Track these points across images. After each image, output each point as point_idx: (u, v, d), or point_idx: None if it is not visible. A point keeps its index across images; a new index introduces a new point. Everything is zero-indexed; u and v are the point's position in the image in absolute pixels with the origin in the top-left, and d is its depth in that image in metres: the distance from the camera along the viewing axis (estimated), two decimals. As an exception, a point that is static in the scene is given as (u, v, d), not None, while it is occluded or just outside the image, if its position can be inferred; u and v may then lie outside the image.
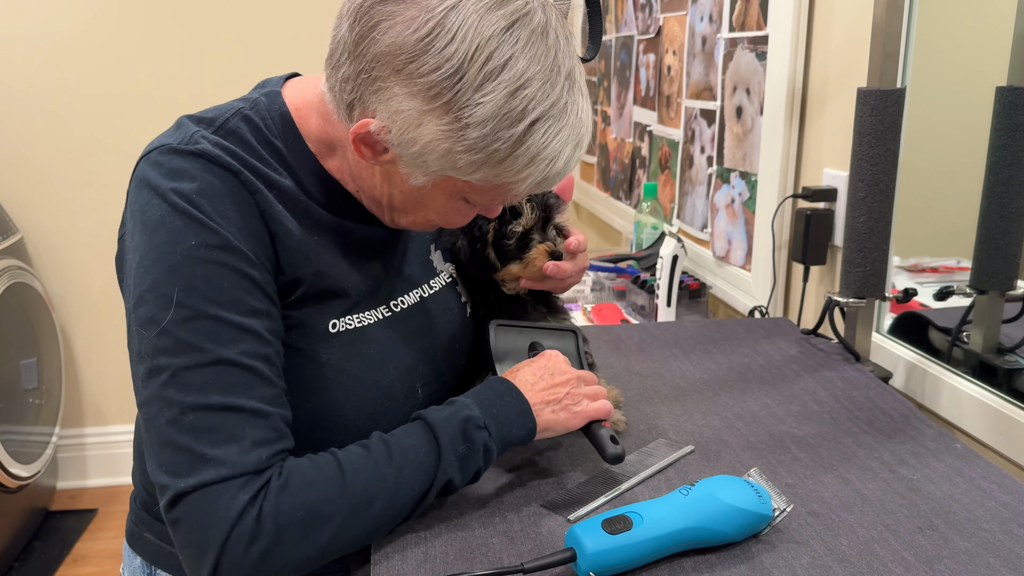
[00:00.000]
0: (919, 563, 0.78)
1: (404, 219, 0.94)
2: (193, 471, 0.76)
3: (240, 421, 0.78)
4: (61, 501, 3.06)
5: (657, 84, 2.29)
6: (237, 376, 0.79)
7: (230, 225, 0.82)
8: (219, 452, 0.76)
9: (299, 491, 0.77)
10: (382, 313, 0.96)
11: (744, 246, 1.80)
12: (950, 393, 1.21)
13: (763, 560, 0.79)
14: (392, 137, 0.81)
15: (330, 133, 0.91)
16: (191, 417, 0.77)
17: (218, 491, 0.75)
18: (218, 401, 0.77)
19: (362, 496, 0.79)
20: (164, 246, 0.80)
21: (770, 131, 1.65)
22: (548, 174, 0.83)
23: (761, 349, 1.33)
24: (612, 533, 0.75)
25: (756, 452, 1.00)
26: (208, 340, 0.78)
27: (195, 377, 0.77)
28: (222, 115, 0.90)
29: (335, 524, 0.78)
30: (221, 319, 0.79)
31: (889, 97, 1.17)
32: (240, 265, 0.81)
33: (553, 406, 0.91)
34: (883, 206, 1.21)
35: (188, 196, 0.81)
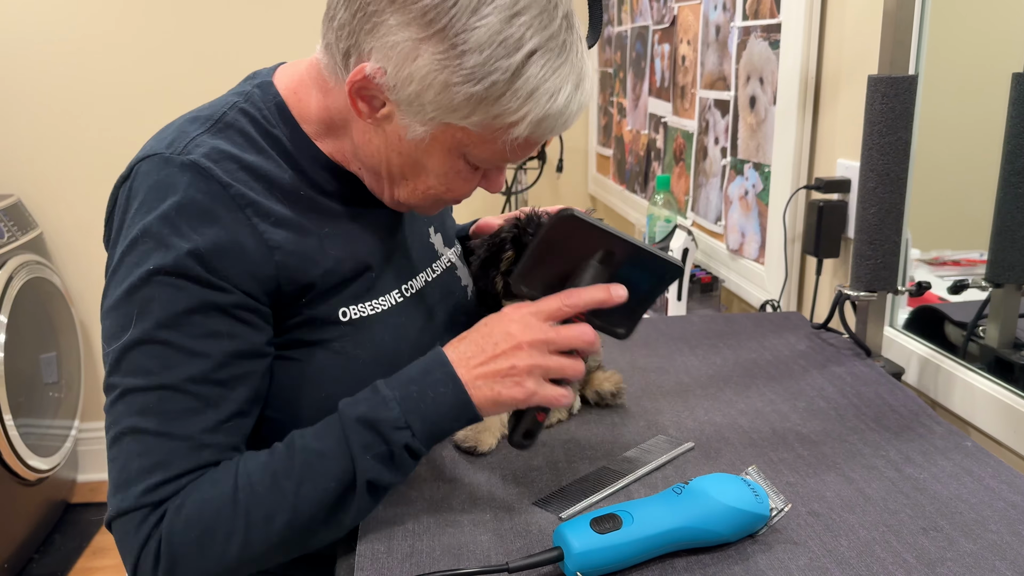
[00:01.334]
0: (921, 565, 0.76)
1: (404, 190, 0.91)
2: (119, 492, 0.77)
3: (172, 449, 0.78)
4: (81, 494, 3.09)
5: (672, 74, 2.25)
6: (179, 402, 0.78)
7: (206, 243, 0.80)
8: (144, 479, 0.77)
9: (193, 510, 0.76)
10: (395, 298, 0.95)
11: (758, 239, 1.76)
12: (964, 389, 1.17)
13: (758, 561, 0.77)
14: (388, 78, 0.80)
15: (329, 107, 0.90)
16: (128, 439, 0.78)
17: (131, 519, 0.77)
18: (153, 427, 0.78)
19: (258, 512, 0.76)
20: (132, 265, 0.80)
21: (783, 121, 1.61)
22: (549, 111, 0.80)
23: (769, 344, 1.30)
24: (600, 532, 0.74)
25: (758, 449, 0.97)
26: (156, 364, 0.78)
27: (138, 399, 0.78)
28: (219, 110, 0.89)
29: (235, 541, 0.76)
30: (171, 344, 0.78)
31: (900, 84, 1.14)
32: (201, 290, 0.79)
33: (492, 381, 0.79)
34: (894, 197, 1.18)
35: (166, 214, 0.80)
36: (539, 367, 0.79)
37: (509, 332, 0.80)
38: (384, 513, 0.85)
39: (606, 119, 2.96)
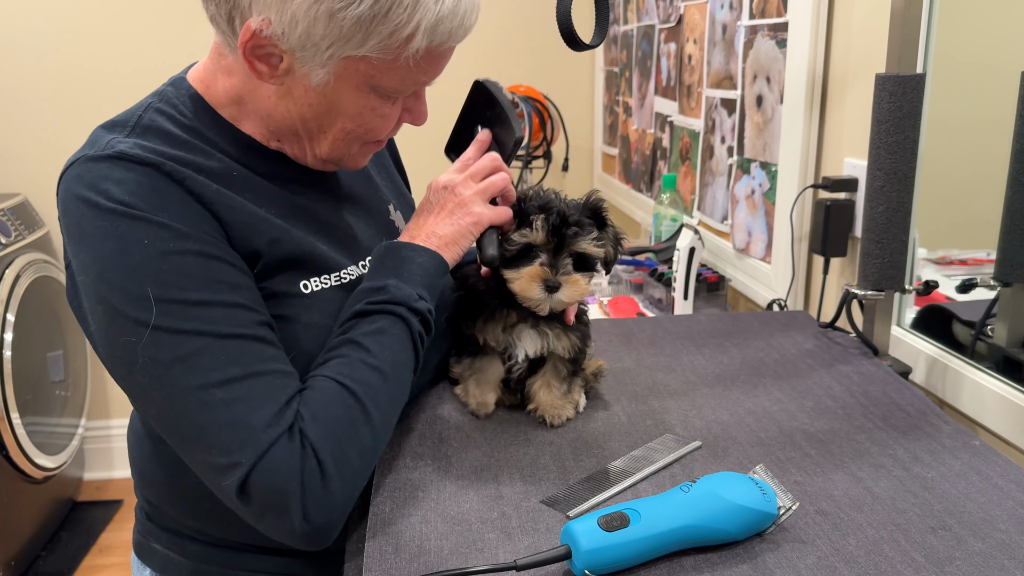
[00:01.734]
0: (929, 564, 0.76)
1: (325, 143, 0.92)
2: (246, 442, 0.77)
3: (265, 385, 0.80)
4: (87, 492, 3.10)
5: (678, 74, 2.25)
6: (243, 347, 0.80)
7: (173, 216, 0.81)
8: (259, 417, 0.78)
9: (322, 414, 0.80)
10: (351, 273, 0.96)
11: (764, 238, 1.76)
12: (972, 388, 1.17)
13: (766, 560, 0.76)
14: (275, 28, 0.80)
15: (235, 86, 0.90)
16: (220, 394, 0.78)
17: (275, 453, 0.77)
18: (238, 372, 0.79)
19: (372, 394, 0.83)
20: (118, 253, 0.79)
21: (790, 120, 1.61)
22: (440, 13, 0.80)
23: (776, 343, 1.30)
24: (608, 530, 0.73)
25: (765, 448, 0.97)
26: (202, 323, 0.79)
27: (206, 359, 0.78)
28: (133, 115, 0.89)
29: (369, 423, 0.82)
30: (204, 302, 0.79)
31: (908, 83, 1.14)
32: (199, 247, 0.81)
33: (449, 221, 0.94)
34: (902, 196, 1.18)
35: (120, 199, 0.80)
36: (478, 192, 0.96)
37: (441, 187, 0.97)
38: (392, 512, 0.85)
39: (612, 118, 2.96)
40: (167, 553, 1.00)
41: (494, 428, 1.03)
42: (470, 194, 0.95)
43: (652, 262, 1.98)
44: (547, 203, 0.97)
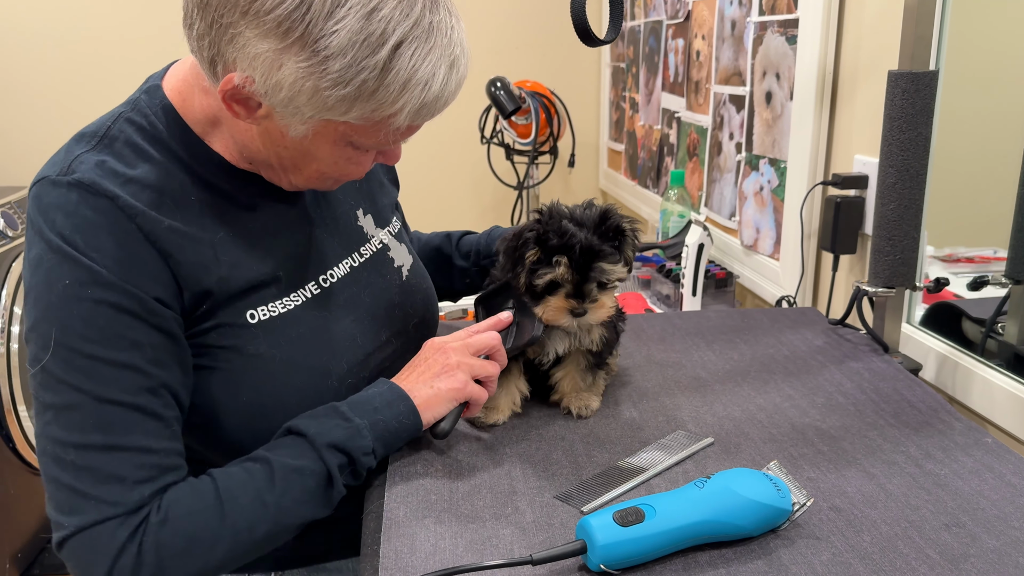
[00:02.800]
0: (944, 561, 0.76)
1: (299, 177, 0.92)
2: (76, 510, 0.77)
3: (122, 460, 0.79)
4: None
5: (686, 70, 2.25)
6: (117, 414, 0.79)
7: (106, 259, 0.80)
8: (100, 491, 0.77)
9: (179, 522, 0.79)
10: (311, 291, 0.95)
11: (773, 234, 1.76)
12: (982, 386, 1.17)
13: (781, 556, 0.77)
14: (258, 87, 0.78)
15: (211, 106, 0.89)
16: (72, 456, 0.78)
17: (97, 531, 0.77)
18: (99, 440, 0.78)
19: (243, 523, 0.81)
20: (42, 286, 0.80)
21: (800, 117, 1.61)
22: (426, 99, 0.80)
23: (786, 339, 1.30)
24: (623, 525, 0.74)
25: (777, 445, 0.97)
26: (86, 380, 0.78)
27: (75, 417, 0.78)
28: (104, 125, 0.89)
29: (218, 551, 0.80)
30: (98, 358, 0.79)
31: (921, 80, 1.14)
32: (117, 299, 0.80)
33: (433, 380, 0.93)
34: (914, 193, 1.18)
35: (61, 233, 0.80)
36: (465, 364, 0.94)
37: (435, 346, 0.97)
38: (406, 511, 0.85)
39: (618, 114, 2.96)
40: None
41: (504, 424, 1.03)
42: (456, 360, 0.94)
43: (660, 258, 1.98)
44: (569, 239, 0.95)
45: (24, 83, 2.90)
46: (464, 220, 3.09)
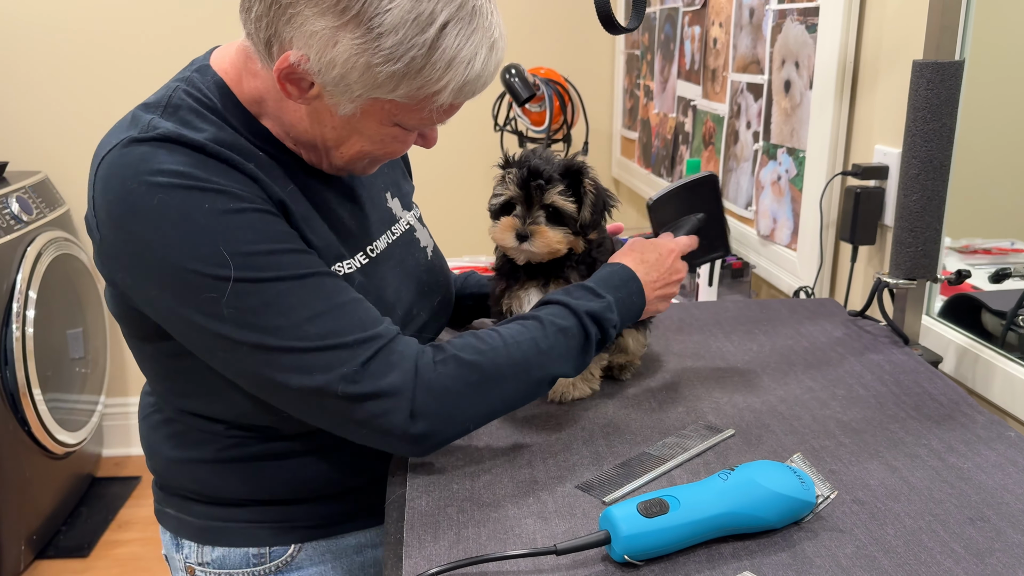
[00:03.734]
0: (969, 556, 0.75)
1: (340, 158, 0.95)
2: (345, 360, 0.82)
3: (351, 310, 0.85)
4: (107, 468, 3.13)
5: (702, 57, 2.23)
6: (321, 283, 0.85)
7: (225, 184, 0.84)
8: (355, 338, 0.83)
9: (475, 356, 0.86)
10: (360, 260, 0.99)
11: (790, 225, 1.75)
12: (1004, 379, 1.16)
13: (804, 548, 0.76)
14: (312, 65, 0.82)
15: (259, 88, 0.92)
16: (314, 327, 0.82)
17: (385, 353, 0.83)
18: (324, 306, 0.83)
19: (522, 365, 0.88)
20: (181, 221, 0.81)
21: (819, 106, 1.60)
22: (468, 78, 0.85)
23: (805, 331, 1.29)
24: (648, 516, 0.74)
25: (799, 437, 0.97)
26: (279, 270, 0.83)
27: (291, 300, 0.82)
28: (164, 96, 0.91)
29: (506, 388, 0.88)
30: (275, 251, 0.83)
31: (946, 70, 1.12)
32: (256, 206, 0.85)
33: (659, 301, 1.04)
34: (937, 184, 1.17)
35: (177, 171, 0.82)
36: (676, 288, 1.06)
37: (676, 267, 1.05)
38: (428, 501, 0.85)
39: (632, 102, 2.94)
40: (178, 516, 1.06)
41: (524, 413, 1.03)
42: (676, 287, 1.06)
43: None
44: (524, 159, 1.04)
45: (39, 70, 2.90)
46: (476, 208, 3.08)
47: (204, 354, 0.87)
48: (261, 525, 1.03)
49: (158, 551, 2.63)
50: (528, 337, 0.89)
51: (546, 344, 0.90)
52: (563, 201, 1.03)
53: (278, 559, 1.03)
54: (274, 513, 1.03)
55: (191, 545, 1.05)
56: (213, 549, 1.04)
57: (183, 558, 1.06)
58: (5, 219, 2.49)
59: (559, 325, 0.91)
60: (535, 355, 0.89)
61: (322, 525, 1.05)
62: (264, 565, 1.04)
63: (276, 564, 1.04)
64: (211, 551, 1.04)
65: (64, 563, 2.58)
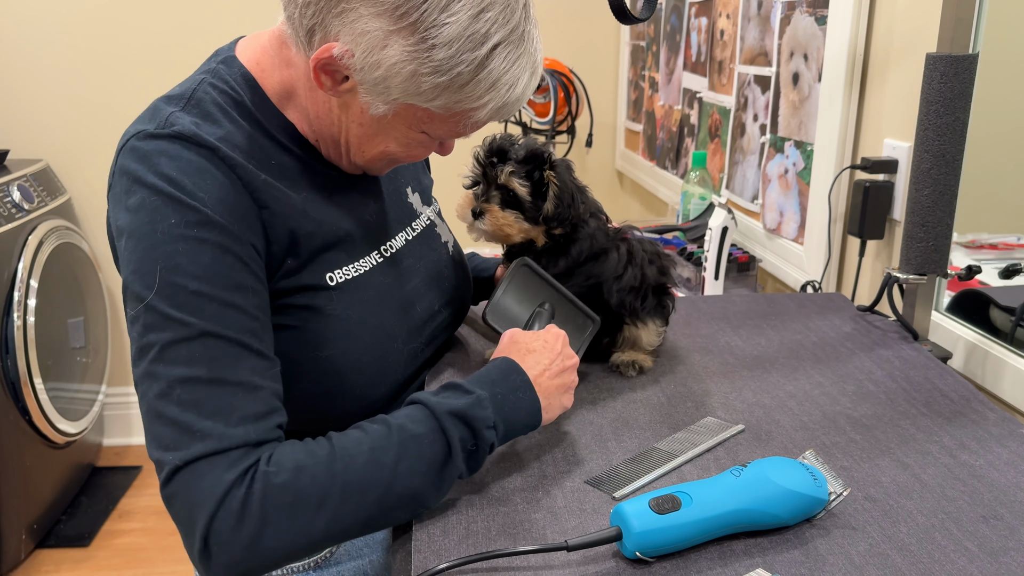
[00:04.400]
0: (983, 554, 0.75)
1: (362, 156, 0.94)
2: (181, 444, 0.75)
3: (227, 394, 0.77)
4: (107, 457, 3.12)
5: (709, 49, 2.22)
6: (223, 349, 0.78)
7: (211, 200, 0.81)
8: (206, 425, 0.76)
9: (289, 476, 0.75)
10: (375, 259, 0.98)
11: (797, 218, 1.74)
12: (1014, 375, 1.16)
13: (817, 545, 0.76)
14: (355, 61, 0.81)
15: (290, 78, 0.91)
16: (178, 391, 0.76)
17: (204, 467, 0.75)
18: (204, 374, 0.77)
19: (355, 482, 0.77)
20: (145, 226, 0.80)
21: (828, 99, 1.58)
22: (507, 100, 0.85)
23: (814, 325, 1.28)
24: (660, 513, 0.73)
25: (810, 433, 0.96)
26: (192, 315, 0.78)
27: (181, 351, 0.77)
28: (189, 88, 0.90)
29: (326, 511, 0.75)
30: (203, 294, 0.79)
31: (960, 64, 1.11)
32: (222, 240, 0.81)
33: (560, 393, 0.91)
34: (949, 179, 1.16)
35: (167, 175, 0.81)
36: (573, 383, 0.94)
37: (567, 352, 0.94)
38: (436, 489, 0.84)
39: (637, 93, 2.93)
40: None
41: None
42: (572, 375, 0.94)
43: (680, 241, 1.96)
44: (491, 139, 1.06)
45: (41, 58, 2.89)
46: (479, 199, 3.07)
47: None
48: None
49: (159, 541, 2.63)
50: (365, 448, 0.78)
51: (389, 456, 0.78)
52: (516, 183, 1.03)
53: (318, 555, 1.01)
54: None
55: None
56: None
57: None
58: (6, 207, 2.48)
59: (410, 432, 0.79)
60: (372, 471, 0.77)
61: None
62: (304, 561, 1.02)
63: (316, 560, 1.01)
64: None
65: (65, 552, 2.57)
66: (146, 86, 2.91)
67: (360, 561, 1.03)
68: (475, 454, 0.82)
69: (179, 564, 2.51)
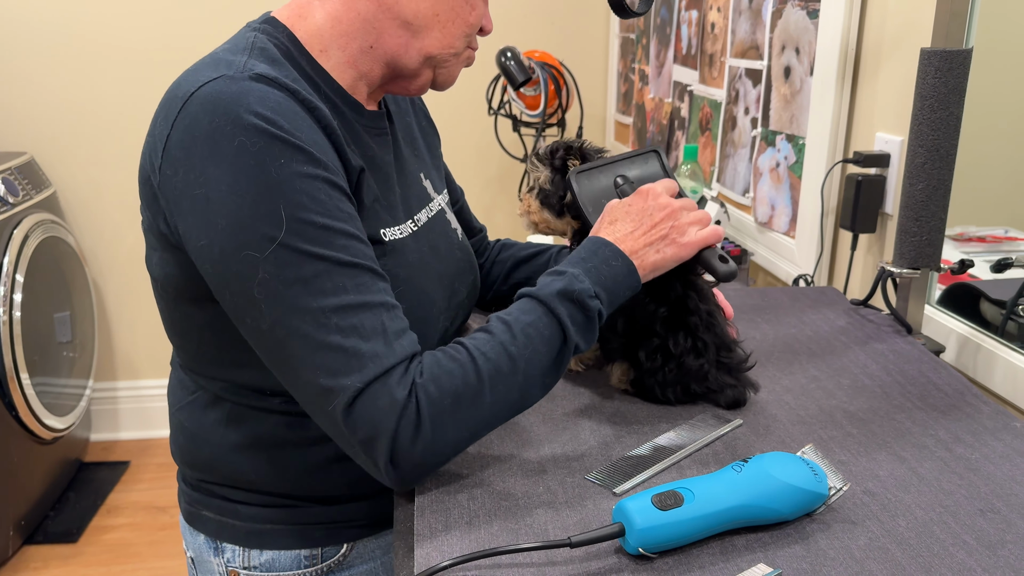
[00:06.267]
0: (981, 547, 0.75)
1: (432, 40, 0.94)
2: (353, 368, 0.79)
3: (377, 315, 0.81)
4: (94, 453, 3.10)
5: (699, 42, 2.22)
6: (359, 276, 0.82)
7: (308, 139, 0.83)
8: (370, 347, 0.79)
9: (442, 381, 0.81)
10: (410, 227, 1.00)
11: (788, 212, 1.75)
12: (1006, 368, 1.17)
13: (818, 540, 0.76)
14: None
15: (326, 21, 0.92)
16: (336, 319, 0.79)
17: (378, 388, 0.79)
18: (354, 300, 0.80)
19: (497, 375, 0.82)
20: (254, 167, 0.79)
21: (820, 93, 1.59)
22: None
23: (808, 319, 1.29)
24: (662, 509, 0.73)
25: (807, 427, 0.97)
26: (326, 247, 0.80)
27: (326, 283, 0.80)
28: (247, 42, 0.90)
29: (480, 404, 0.82)
30: (330, 228, 0.81)
31: (955, 59, 1.12)
32: (328, 175, 0.83)
33: (657, 245, 0.92)
34: (943, 173, 1.16)
35: (265, 116, 0.81)
36: (692, 222, 0.94)
37: (659, 204, 0.93)
38: (438, 489, 0.84)
39: (627, 86, 2.93)
40: (220, 518, 1.02)
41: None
42: (687, 221, 0.93)
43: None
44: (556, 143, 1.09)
45: (25, 49, 2.85)
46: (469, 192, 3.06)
47: (233, 315, 0.84)
48: (317, 526, 1.00)
49: (148, 536, 2.62)
50: (496, 343, 0.84)
51: (515, 346, 0.83)
52: (538, 177, 1.08)
53: (330, 559, 1.01)
54: (332, 512, 1.01)
55: (235, 549, 1.01)
56: (261, 553, 1.01)
57: (223, 563, 1.02)
58: (-9, 201, 2.45)
59: (524, 321, 0.85)
60: (507, 361, 0.83)
61: (375, 523, 1.03)
62: (316, 566, 1.01)
63: (328, 564, 1.01)
64: (259, 555, 1.01)
65: (53, 548, 2.56)
66: (131, 80, 2.89)
67: (372, 564, 1.03)
68: (586, 325, 0.87)
69: (169, 559, 2.50)
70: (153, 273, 0.94)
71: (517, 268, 1.27)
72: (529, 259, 1.27)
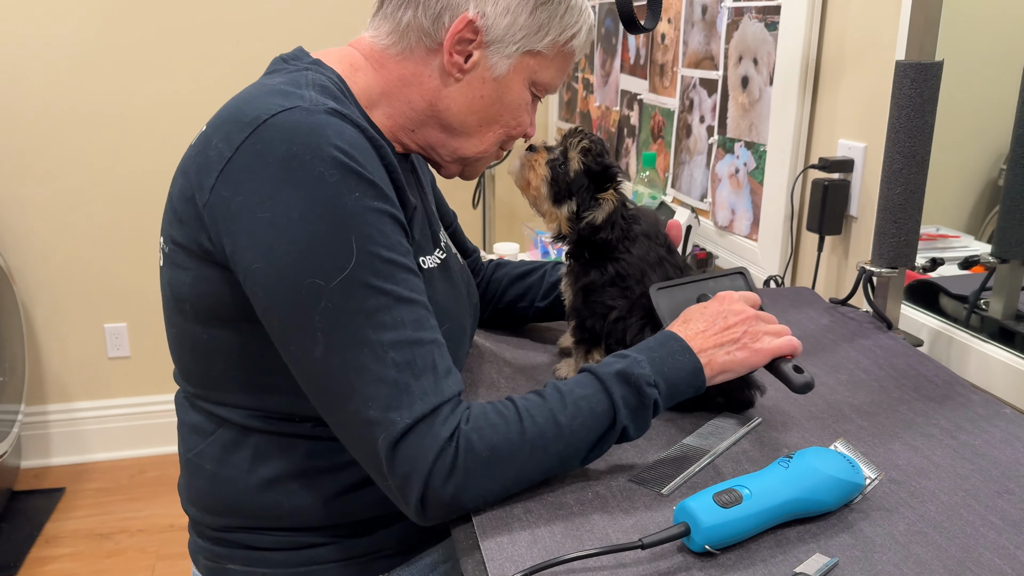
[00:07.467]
0: (1007, 526, 0.81)
1: (476, 142, 1.00)
2: (404, 404, 0.80)
3: (430, 352, 0.83)
4: (25, 480, 2.95)
5: (648, 52, 2.28)
6: (417, 311, 0.84)
7: (378, 175, 0.85)
8: (421, 384, 0.81)
9: (484, 431, 0.82)
10: (438, 257, 1.03)
11: (749, 216, 1.81)
12: (979, 360, 1.25)
13: (862, 528, 0.81)
14: (487, 20, 0.93)
15: (378, 83, 0.97)
16: (392, 354, 0.81)
17: (425, 426, 0.80)
18: (411, 336, 0.82)
19: (539, 440, 0.83)
20: (329, 198, 0.81)
21: (781, 102, 1.66)
22: (590, 22, 1.00)
23: (793, 319, 1.35)
24: (724, 507, 0.76)
25: (820, 422, 1.01)
26: (389, 282, 0.82)
27: (386, 317, 0.81)
28: (306, 79, 0.91)
29: (516, 463, 0.83)
30: (394, 262, 0.83)
31: (929, 71, 1.19)
32: (393, 211, 0.86)
33: (728, 347, 0.92)
34: (918, 177, 1.24)
35: (344, 150, 0.83)
36: (768, 332, 0.96)
37: (734, 309, 0.96)
38: (492, 508, 0.85)
39: (569, 94, 2.97)
40: (248, 570, 0.99)
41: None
42: (762, 330, 0.95)
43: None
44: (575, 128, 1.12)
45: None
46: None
47: (279, 339, 0.84)
48: (348, 563, 0.99)
49: (93, 566, 2.51)
50: (545, 409, 0.84)
51: (564, 416, 0.84)
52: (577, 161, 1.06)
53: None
54: (363, 544, 1.00)
55: None
56: None
57: None
58: (-86, 220, 2.31)
59: (579, 394, 0.86)
60: (552, 429, 0.83)
61: (404, 551, 1.03)
62: None
63: None
64: None
65: (-10, 584, 2.43)
66: (54, 93, 2.77)
67: None
68: (639, 411, 0.87)
69: (119, 588, 2.41)
70: (180, 293, 0.91)
71: (512, 285, 1.30)
72: (523, 276, 1.30)
